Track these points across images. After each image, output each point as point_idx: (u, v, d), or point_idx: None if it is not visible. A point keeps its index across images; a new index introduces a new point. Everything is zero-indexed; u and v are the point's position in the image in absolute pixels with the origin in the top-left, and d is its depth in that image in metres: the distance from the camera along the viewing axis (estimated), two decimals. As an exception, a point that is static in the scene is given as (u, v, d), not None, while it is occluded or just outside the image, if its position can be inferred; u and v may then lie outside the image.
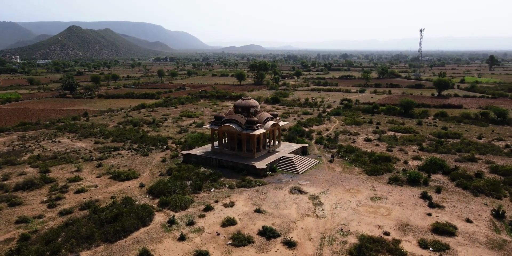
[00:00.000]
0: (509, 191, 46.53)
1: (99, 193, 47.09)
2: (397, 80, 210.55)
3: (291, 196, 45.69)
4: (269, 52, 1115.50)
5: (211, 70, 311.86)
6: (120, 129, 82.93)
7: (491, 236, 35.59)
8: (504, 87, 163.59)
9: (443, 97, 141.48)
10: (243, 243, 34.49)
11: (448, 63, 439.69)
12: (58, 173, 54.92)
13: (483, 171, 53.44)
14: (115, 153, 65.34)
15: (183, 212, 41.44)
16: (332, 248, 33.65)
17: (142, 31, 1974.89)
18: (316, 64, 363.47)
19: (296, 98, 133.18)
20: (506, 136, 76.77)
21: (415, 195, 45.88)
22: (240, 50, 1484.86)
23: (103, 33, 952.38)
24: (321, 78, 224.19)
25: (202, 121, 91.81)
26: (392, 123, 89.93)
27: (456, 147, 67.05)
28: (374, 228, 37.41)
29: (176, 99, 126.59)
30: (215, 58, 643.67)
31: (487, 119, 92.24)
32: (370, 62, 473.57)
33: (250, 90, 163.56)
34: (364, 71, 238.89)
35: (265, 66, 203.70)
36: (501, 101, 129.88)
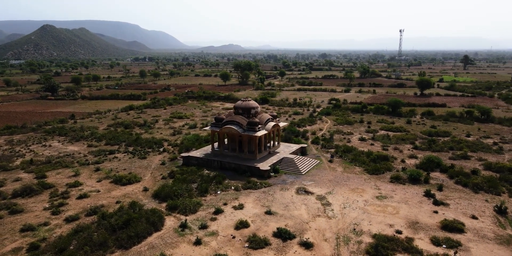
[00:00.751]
0: (506, 187, 48.34)
1: (103, 198, 46.07)
2: (379, 79, 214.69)
3: (298, 197, 46.00)
4: (248, 52, 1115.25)
5: (193, 70, 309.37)
6: (112, 132, 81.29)
7: (498, 232, 36.94)
8: (481, 86, 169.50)
9: (425, 96, 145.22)
10: (260, 245, 34.52)
11: (424, 62, 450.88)
12: (55, 178, 53.35)
13: (478, 169, 55.32)
14: (111, 156, 64.02)
15: (194, 215, 41.08)
16: (349, 248, 34.14)
17: (118, 30, 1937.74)
18: (297, 64, 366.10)
19: (284, 98, 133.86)
20: (492, 134, 79.59)
21: (418, 193, 47.04)
22: (219, 50, 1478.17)
23: (78, 32, 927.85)
24: (304, 77, 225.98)
25: (194, 122, 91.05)
26: (382, 122, 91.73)
27: (448, 145, 69.10)
28: (386, 227, 38.17)
29: (164, 100, 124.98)
30: (194, 58, 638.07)
31: (472, 118, 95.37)
32: (350, 62, 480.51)
33: (236, 90, 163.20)
34: (345, 71, 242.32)
35: (250, 66, 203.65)
36: (480, 99, 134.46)
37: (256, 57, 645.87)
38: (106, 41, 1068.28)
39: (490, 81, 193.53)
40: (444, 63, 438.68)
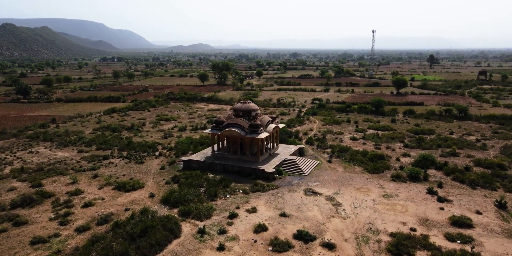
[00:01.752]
0: (500, 182, 51.11)
1: (110, 206, 44.81)
2: (353, 78, 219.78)
3: (308, 198, 46.65)
4: (219, 51, 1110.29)
5: (167, 71, 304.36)
6: (100, 136, 78.91)
7: (504, 226, 39.09)
8: (451, 85, 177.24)
9: (401, 95, 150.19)
10: (284, 248, 34.84)
11: (391, 61, 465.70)
12: (52, 186, 51.29)
13: (470, 165, 58.09)
14: (106, 162, 62.23)
15: (209, 220, 40.80)
16: (370, 248, 35.09)
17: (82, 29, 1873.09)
18: (271, 64, 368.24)
19: (267, 98, 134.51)
20: (473, 131, 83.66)
21: (421, 191, 48.87)
22: (188, 49, 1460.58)
23: (40, 31, 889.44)
24: (281, 77, 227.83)
25: (184, 125, 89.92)
26: (368, 122, 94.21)
27: (436, 143, 72.03)
28: (399, 225, 39.48)
29: (146, 102, 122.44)
30: (165, 57, 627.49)
31: (451, 116, 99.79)
32: (321, 61, 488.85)
33: (217, 90, 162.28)
34: (321, 70, 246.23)
35: (227, 66, 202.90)
36: (453, 98, 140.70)
37: (227, 57, 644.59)
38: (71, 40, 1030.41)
39: (458, 80, 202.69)
40: (411, 62, 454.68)
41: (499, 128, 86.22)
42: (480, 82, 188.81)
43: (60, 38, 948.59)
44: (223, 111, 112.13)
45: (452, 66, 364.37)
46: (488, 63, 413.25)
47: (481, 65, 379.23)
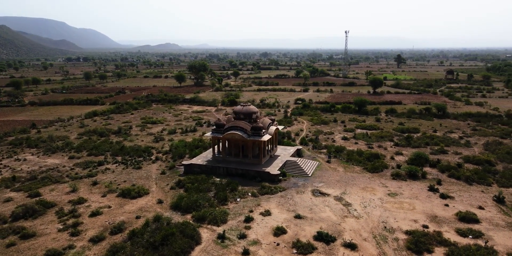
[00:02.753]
0: (492, 178, 54.02)
1: (119, 214, 43.63)
2: (329, 78, 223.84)
3: (317, 199, 47.41)
4: (187, 51, 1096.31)
5: (139, 71, 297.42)
6: (88, 141, 76.33)
7: (507, 220, 41.48)
8: (422, 84, 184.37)
9: (378, 94, 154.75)
10: (308, 250, 35.35)
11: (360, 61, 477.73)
12: (52, 195, 49.24)
13: (461, 162, 60.98)
14: (101, 168, 60.38)
15: (225, 225, 40.66)
16: (390, 246, 36.24)
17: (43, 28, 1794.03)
18: (244, 63, 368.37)
19: (250, 99, 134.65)
20: (454, 129, 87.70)
21: (423, 188, 50.85)
22: (156, 49, 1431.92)
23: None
24: (257, 77, 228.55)
25: (173, 128, 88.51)
26: (354, 121, 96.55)
27: (424, 141, 74.97)
28: (411, 222, 40.98)
29: (128, 104, 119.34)
30: (133, 57, 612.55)
31: (431, 114, 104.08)
32: (292, 61, 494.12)
33: (196, 92, 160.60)
34: (296, 70, 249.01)
35: (204, 67, 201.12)
36: (427, 96, 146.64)
37: (197, 57, 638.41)
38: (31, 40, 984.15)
39: (427, 79, 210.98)
40: (379, 62, 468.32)
41: (477, 125, 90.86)
42: (448, 81, 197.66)
43: (19, 37, 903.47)
44: (208, 113, 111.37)
45: (418, 65, 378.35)
46: (450, 62, 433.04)
47: (444, 64, 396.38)
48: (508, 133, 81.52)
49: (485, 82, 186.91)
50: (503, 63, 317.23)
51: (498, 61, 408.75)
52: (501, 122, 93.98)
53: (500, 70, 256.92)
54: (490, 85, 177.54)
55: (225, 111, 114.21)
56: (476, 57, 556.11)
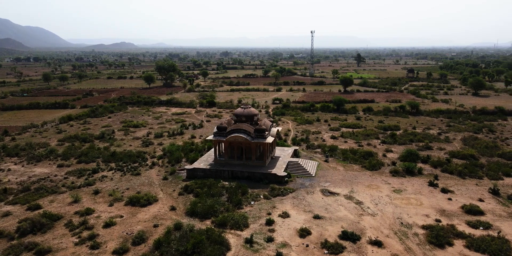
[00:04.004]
0: (481, 172, 57.92)
1: (134, 224, 42.23)
2: (297, 77, 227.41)
3: (329, 199, 48.54)
4: (145, 50, 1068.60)
5: (100, 72, 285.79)
6: (72, 147, 72.77)
7: (508, 210, 44.79)
8: (387, 82, 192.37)
9: (349, 92, 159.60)
10: (338, 250, 36.26)
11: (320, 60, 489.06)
12: (54, 207, 46.64)
13: (449, 158, 64.75)
14: (98, 175, 57.91)
15: (249, 229, 40.66)
16: (413, 241, 38.00)
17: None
18: (208, 63, 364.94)
19: (228, 100, 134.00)
20: (430, 125, 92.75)
21: (423, 184, 53.55)
22: (111, 48, 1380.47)
23: None
24: (226, 77, 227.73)
25: (159, 131, 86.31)
26: (336, 120, 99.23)
27: (408, 138, 78.63)
28: (423, 217, 43.15)
29: (102, 108, 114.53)
30: (88, 57, 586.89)
31: (405, 111, 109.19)
32: (254, 60, 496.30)
33: (168, 93, 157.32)
34: (264, 70, 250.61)
35: (174, 68, 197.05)
36: (395, 94, 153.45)
37: (157, 56, 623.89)
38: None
39: (390, 78, 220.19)
40: (338, 61, 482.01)
41: (449, 121, 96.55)
42: (409, 79, 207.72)
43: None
44: (189, 115, 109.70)
45: (376, 64, 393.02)
46: (405, 61, 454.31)
47: (399, 63, 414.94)
48: (480, 129, 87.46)
49: (443, 80, 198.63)
50: (453, 62, 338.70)
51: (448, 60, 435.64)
52: (469, 118, 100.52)
53: (452, 68, 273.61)
54: (448, 83, 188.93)
55: (205, 112, 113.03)
56: (427, 56, 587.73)
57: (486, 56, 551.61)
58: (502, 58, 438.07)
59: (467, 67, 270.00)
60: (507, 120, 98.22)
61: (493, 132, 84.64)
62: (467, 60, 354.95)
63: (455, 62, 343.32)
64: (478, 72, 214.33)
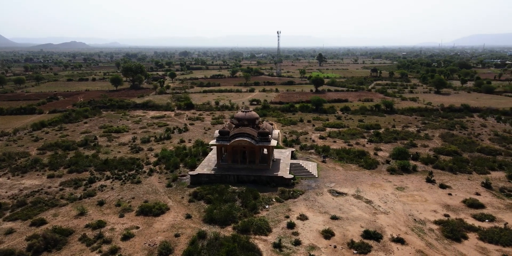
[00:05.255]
0: (469, 167, 61.90)
1: (153, 234, 41.08)
2: (266, 78, 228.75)
3: (339, 199, 49.87)
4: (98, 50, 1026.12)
5: (57, 74, 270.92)
6: (57, 156, 68.98)
7: (504, 203, 48.39)
8: (354, 81, 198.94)
9: (320, 92, 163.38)
10: (366, 249, 37.54)
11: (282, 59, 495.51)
12: (60, 221, 44.19)
13: (436, 154, 68.58)
14: (95, 185, 55.45)
15: (273, 234, 40.96)
16: (431, 236, 40.12)
17: None
18: (171, 63, 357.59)
19: (205, 102, 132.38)
20: (407, 123, 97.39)
21: (420, 180, 56.41)
22: (61, 48, 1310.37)
23: None
24: (193, 78, 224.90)
25: (145, 136, 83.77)
26: (318, 120, 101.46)
27: (392, 136, 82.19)
28: (432, 213, 45.61)
29: (76, 113, 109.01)
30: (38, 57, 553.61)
31: (380, 110, 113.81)
32: (216, 60, 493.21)
33: (140, 95, 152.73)
34: (232, 70, 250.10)
35: (141, 69, 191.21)
36: (364, 93, 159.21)
37: (113, 57, 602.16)
38: None
39: (355, 77, 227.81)
40: (300, 60, 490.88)
41: (423, 119, 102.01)
42: (374, 78, 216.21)
43: None
44: (169, 118, 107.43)
45: (336, 64, 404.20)
46: (363, 60, 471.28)
47: (358, 62, 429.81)
48: (452, 125, 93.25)
49: (405, 79, 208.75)
50: (408, 61, 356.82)
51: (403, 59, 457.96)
52: (440, 115, 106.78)
53: (409, 68, 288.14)
54: (409, 82, 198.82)
55: (186, 115, 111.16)
56: (381, 55, 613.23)
57: (433, 55, 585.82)
58: (448, 57, 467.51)
59: (423, 67, 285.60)
60: (474, 117, 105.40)
61: (465, 129, 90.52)
62: (421, 60, 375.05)
63: (410, 61, 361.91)
64: (434, 71, 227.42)
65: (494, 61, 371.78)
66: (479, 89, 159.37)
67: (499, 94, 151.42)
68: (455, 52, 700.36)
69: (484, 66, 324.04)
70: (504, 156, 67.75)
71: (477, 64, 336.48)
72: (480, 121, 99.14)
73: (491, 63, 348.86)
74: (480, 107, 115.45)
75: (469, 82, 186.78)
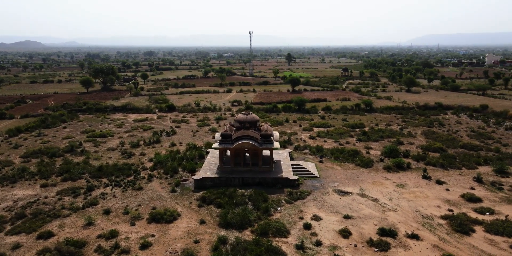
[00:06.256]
0: (458, 163, 65.26)
1: (171, 241, 40.34)
2: (240, 78, 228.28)
3: (346, 198, 51.13)
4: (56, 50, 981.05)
5: (17, 75, 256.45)
6: (44, 164, 65.76)
7: (497, 195, 51.57)
8: (328, 81, 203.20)
9: (297, 92, 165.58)
10: (386, 247, 38.83)
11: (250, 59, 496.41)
12: (68, 233, 42.31)
13: (425, 151, 71.70)
14: (95, 193, 53.42)
15: (292, 235, 41.43)
16: (441, 231, 42.12)
17: None
18: (138, 64, 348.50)
19: (186, 103, 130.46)
20: (388, 122, 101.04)
21: (417, 177, 58.89)
22: (14, 48, 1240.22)
23: None
24: (166, 79, 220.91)
25: (134, 141, 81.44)
26: (303, 120, 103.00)
27: (378, 134, 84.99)
28: (437, 208, 47.85)
29: (51, 117, 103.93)
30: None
31: (360, 109, 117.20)
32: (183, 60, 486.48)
33: (115, 98, 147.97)
34: (205, 70, 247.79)
35: (113, 70, 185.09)
36: (339, 92, 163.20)
37: (74, 57, 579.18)
38: None
39: (326, 76, 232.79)
40: (268, 60, 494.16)
41: (402, 117, 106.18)
42: (345, 78, 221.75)
43: None
44: (153, 121, 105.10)
45: (305, 63, 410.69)
46: (330, 60, 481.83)
47: (325, 61, 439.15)
48: (431, 123, 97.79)
49: (375, 78, 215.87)
50: (372, 60, 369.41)
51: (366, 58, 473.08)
52: (417, 113, 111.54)
53: (375, 67, 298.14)
54: (379, 81, 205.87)
55: (169, 117, 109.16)
56: (345, 55, 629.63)
57: (394, 54, 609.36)
58: (409, 56, 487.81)
59: (389, 66, 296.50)
60: (448, 114, 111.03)
61: (443, 126, 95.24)
62: (385, 59, 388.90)
63: (374, 60, 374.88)
64: (400, 70, 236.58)
65: (452, 60, 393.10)
66: (446, 87, 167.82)
67: (464, 92, 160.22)
68: (413, 52, 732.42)
69: (443, 65, 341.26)
70: (485, 152, 71.97)
71: (436, 63, 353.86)
72: (454, 118, 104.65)
73: (449, 62, 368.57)
74: (451, 105, 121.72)
75: (435, 80, 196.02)
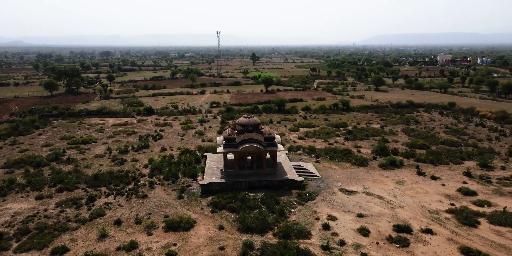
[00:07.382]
0: (445, 158, 69.17)
1: (196, 250, 39.81)
2: (208, 78, 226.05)
3: (354, 197, 52.76)
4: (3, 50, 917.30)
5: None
6: (31, 174, 62.05)
7: (489, 188, 55.37)
8: (298, 80, 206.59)
9: (270, 92, 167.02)
10: (406, 243, 40.67)
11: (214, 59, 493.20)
12: (83, 247, 40.46)
13: (412, 149, 75.27)
14: (98, 204, 51.29)
15: (314, 236, 42.26)
16: (450, 224, 44.72)
17: None
18: (98, 65, 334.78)
19: (164, 106, 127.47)
20: (368, 120, 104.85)
21: (412, 174, 61.81)
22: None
23: None
24: (132, 80, 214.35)
25: (121, 147, 78.54)
26: (287, 121, 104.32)
27: (363, 133, 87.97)
28: (439, 203, 50.65)
29: (23, 124, 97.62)
30: None
31: (338, 109, 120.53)
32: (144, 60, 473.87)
33: (84, 101, 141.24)
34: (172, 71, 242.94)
35: (77, 72, 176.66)
36: (312, 92, 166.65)
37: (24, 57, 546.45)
38: None
39: (295, 76, 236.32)
40: (231, 59, 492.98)
41: (379, 116, 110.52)
42: (314, 77, 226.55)
43: None
44: (133, 125, 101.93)
45: (269, 63, 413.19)
46: (293, 59, 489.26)
47: (288, 61, 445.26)
48: (408, 120, 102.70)
49: (342, 77, 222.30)
50: (336, 60, 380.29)
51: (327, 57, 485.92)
52: (392, 111, 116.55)
53: (339, 66, 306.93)
54: (346, 80, 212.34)
55: (150, 121, 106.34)
56: (306, 54, 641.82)
57: (351, 53, 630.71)
58: (367, 55, 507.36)
59: (352, 65, 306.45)
60: (420, 112, 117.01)
61: (419, 123, 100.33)
62: (347, 59, 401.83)
63: (336, 59, 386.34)
64: (364, 70, 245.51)
65: (407, 60, 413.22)
66: (411, 86, 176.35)
67: (428, 90, 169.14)
68: (369, 51, 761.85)
69: (400, 64, 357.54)
70: (465, 147, 76.80)
71: (394, 62, 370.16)
72: (427, 116, 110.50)
73: (405, 62, 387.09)
74: (421, 102, 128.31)
75: (399, 79, 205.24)
